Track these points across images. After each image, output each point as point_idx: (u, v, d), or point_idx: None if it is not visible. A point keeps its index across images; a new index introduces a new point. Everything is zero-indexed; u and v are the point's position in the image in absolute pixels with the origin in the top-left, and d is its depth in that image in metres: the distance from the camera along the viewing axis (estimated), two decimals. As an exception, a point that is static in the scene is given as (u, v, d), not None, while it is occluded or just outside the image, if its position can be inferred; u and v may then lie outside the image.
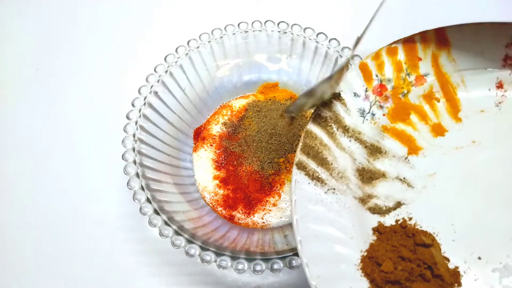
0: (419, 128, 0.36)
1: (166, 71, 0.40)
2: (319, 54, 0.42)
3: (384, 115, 0.35)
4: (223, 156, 0.42)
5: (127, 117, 0.37)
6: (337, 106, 0.34)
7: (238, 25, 0.43)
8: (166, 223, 0.33)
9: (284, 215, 0.39)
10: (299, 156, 0.31)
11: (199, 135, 0.44)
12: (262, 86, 0.46)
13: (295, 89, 0.46)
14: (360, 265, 0.29)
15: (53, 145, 0.48)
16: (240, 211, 0.39)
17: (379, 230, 0.31)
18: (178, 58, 0.41)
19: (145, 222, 0.36)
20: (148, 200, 0.34)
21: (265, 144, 0.41)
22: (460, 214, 0.32)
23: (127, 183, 0.34)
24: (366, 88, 0.35)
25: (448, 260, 0.30)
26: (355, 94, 0.34)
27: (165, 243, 0.39)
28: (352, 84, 0.34)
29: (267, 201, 0.39)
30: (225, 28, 0.43)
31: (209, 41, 0.43)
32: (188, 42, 0.42)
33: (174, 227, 0.33)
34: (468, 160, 0.34)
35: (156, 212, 0.33)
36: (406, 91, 0.36)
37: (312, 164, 0.31)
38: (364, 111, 0.35)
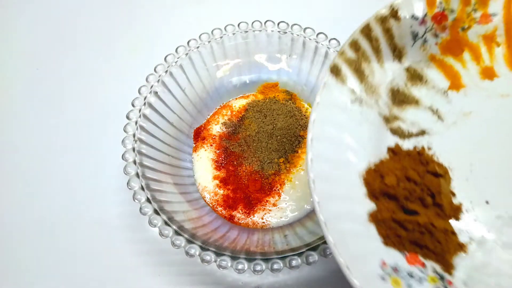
0: (469, 67, 0.33)
1: (166, 71, 0.40)
2: (319, 54, 0.42)
3: (436, 44, 0.33)
4: (223, 156, 0.42)
5: (127, 117, 0.37)
6: (391, 23, 0.31)
7: (238, 25, 0.43)
8: (166, 223, 0.33)
9: (284, 215, 0.39)
10: (336, 60, 0.30)
11: (199, 135, 0.44)
12: (262, 86, 0.46)
13: (295, 89, 0.46)
14: (364, 175, 0.28)
15: (53, 145, 0.48)
16: (240, 211, 0.39)
17: (394, 150, 0.30)
18: (178, 58, 0.41)
19: (145, 222, 0.36)
20: (148, 200, 0.34)
21: (265, 144, 0.41)
22: (482, 158, 0.30)
23: (127, 183, 0.34)
24: (426, 13, 0.32)
25: (454, 195, 0.29)
26: (413, 16, 0.32)
27: (165, 243, 0.39)
28: (413, 6, 0.32)
29: (267, 201, 0.39)
30: (225, 28, 0.43)
31: (209, 41, 0.43)
32: (188, 42, 0.42)
33: (174, 227, 0.33)
34: (509, 109, 0.32)
35: (156, 212, 0.33)
36: (466, 26, 0.33)
37: (347, 71, 0.30)
38: (417, 35, 0.33)
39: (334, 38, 0.42)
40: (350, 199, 0.27)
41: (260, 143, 0.41)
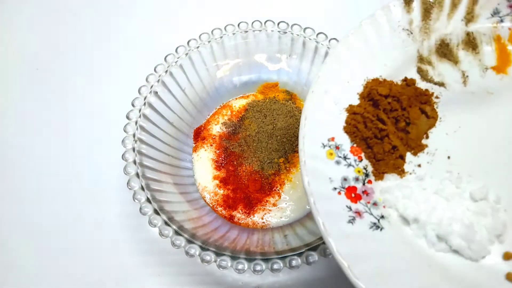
0: None
1: (166, 71, 0.40)
2: (319, 54, 0.42)
3: (509, 29, 0.35)
4: (223, 156, 0.42)
5: (127, 117, 0.37)
6: None
7: (238, 25, 0.43)
8: (166, 223, 0.33)
9: (284, 215, 0.39)
10: None
11: (199, 135, 0.44)
12: (262, 86, 0.46)
13: (295, 89, 0.46)
14: (369, 80, 0.32)
15: (53, 145, 0.48)
16: (240, 211, 0.39)
17: (407, 81, 0.33)
18: (178, 58, 0.41)
19: (145, 222, 0.36)
20: (148, 200, 0.34)
21: (265, 144, 0.41)
22: (473, 128, 0.33)
23: (127, 183, 0.34)
24: None
25: (427, 137, 0.32)
26: None
27: (165, 243, 0.39)
28: None
29: (267, 201, 0.39)
30: (225, 28, 0.43)
31: (209, 41, 0.43)
32: (188, 42, 0.42)
33: (174, 227, 0.33)
34: None
35: (156, 212, 0.33)
36: None
37: (417, 5, 0.34)
38: (498, 13, 0.35)
39: (334, 38, 0.42)
40: (349, 90, 0.32)
41: (260, 143, 0.41)
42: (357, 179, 0.30)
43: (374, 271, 0.25)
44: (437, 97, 0.34)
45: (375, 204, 0.30)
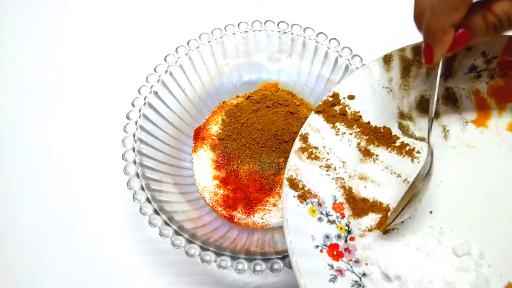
0: (504, 116, 0.35)
1: (166, 71, 0.40)
2: (319, 54, 0.42)
3: (487, 83, 0.35)
4: (222, 156, 0.42)
5: (127, 117, 0.37)
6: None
7: (238, 25, 0.43)
8: (166, 223, 0.33)
9: (284, 215, 0.39)
10: (394, 52, 0.34)
11: (199, 135, 0.44)
12: (262, 86, 0.46)
13: (295, 89, 0.46)
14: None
15: (53, 145, 0.48)
16: (240, 211, 0.39)
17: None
18: (178, 58, 0.41)
19: (145, 222, 0.36)
20: (148, 200, 0.34)
21: (265, 144, 0.41)
22: (453, 182, 0.33)
23: (127, 183, 0.34)
24: (497, 56, 0.34)
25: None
26: (483, 53, 0.34)
27: (165, 243, 0.39)
28: (490, 46, 0.34)
29: (267, 201, 0.39)
30: (225, 28, 0.43)
31: (209, 41, 0.43)
32: (188, 42, 0.42)
33: (174, 227, 0.33)
34: (508, 165, 0.33)
35: (156, 212, 0.33)
36: None
37: (396, 64, 0.35)
38: (475, 69, 0.35)
39: (334, 38, 0.42)
40: None
41: (260, 143, 0.41)
42: (339, 237, 0.30)
43: None
44: (418, 152, 0.34)
45: (357, 261, 0.30)
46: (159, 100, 0.40)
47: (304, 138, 0.33)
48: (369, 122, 0.35)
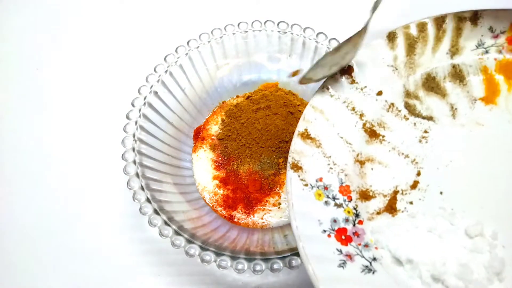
0: None
1: (166, 71, 0.40)
2: (319, 54, 0.42)
3: (495, 59, 0.35)
4: (222, 156, 0.42)
5: (127, 117, 0.37)
6: (466, 24, 0.34)
7: (238, 25, 0.43)
8: (166, 223, 0.33)
9: (284, 215, 0.39)
10: (398, 29, 0.34)
11: (198, 135, 0.44)
12: (262, 86, 0.46)
13: (295, 89, 0.46)
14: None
15: (52, 145, 0.48)
16: (240, 211, 0.39)
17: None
18: (178, 58, 0.41)
19: (145, 222, 0.36)
20: (148, 200, 0.34)
21: (264, 144, 0.41)
22: (461, 161, 0.32)
23: (127, 183, 0.34)
24: (506, 31, 0.34)
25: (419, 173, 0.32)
26: (490, 28, 0.34)
27: (165, 243, 0.39)
28: (497, 20, 0.34)
29: (267, 201, 0.39)
30: (225, 28, 0.43)
31: (209, 41, 0.43)
32: (188, 42, 0.42)
33: (174, 227, 0.33)
34: None
35: (156, 212, 0.33)
36: None
37: (401, 42, 0.34)
38: (483, 45, 0.35)
39: (334, 38, 0.42)
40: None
41: (260, 143, 0.41)
42: (347, 220, 0.29)
43: None
44: (425, 131, 0.34)
45: (366, 245, 0.29)
46: (159, 100, 0.40)
47: (307, 121, 0.32)
48: None
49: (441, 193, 0.31)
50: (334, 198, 0.30)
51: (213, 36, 0.43)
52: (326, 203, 0.30)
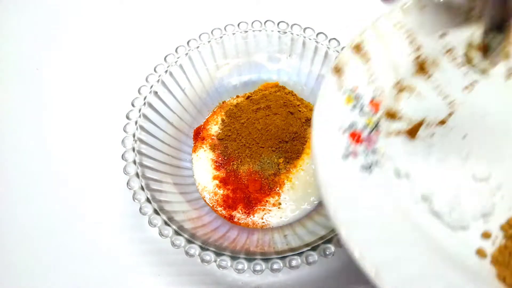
0: None
1: (166, 71, 0.40)
2: (319, 54, 0.42)
3: None
4: (222, 156, 0.42)
5: (127, 117, 0.37)
6: None
7: (238, 25, 0.43)
8: (166, 223, 0.33)
9: (284, 215, 0.39)
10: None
11: (198, 135, 0.44)
12: (262, 86, 0.46)
13: (295, 89, 0.46)
14: None
15: (52, 145, 0.48)
16: (240, 211, 0.39)
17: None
18: (178, 58, 0.41)
19: (145, 222, 0.36)
20: (148, 200, 0.34)
21: (265, 144, 0.41)
22: (503, 127, 0.32)
23: (127, 183, 0.34)
24: None
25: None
26: None
27: (165, 243, 0.39)
28: None
29: (267, 201, 0.39)
30: (225, 28, 0.43)
31: (209, 41, 0.43)
32: (188, 42, 0.42)
33: (174, 227, 0.33)
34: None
35: (156, 212, 0.33)
36: None
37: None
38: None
39: (334, 38, 0.42)
40: None
41: (260, 143, 0.41)
42: (365, 127, 0.30)
43: (352, 216, 0.25)
44: (474, 82, 0.33)
45: (374, 151, 0.30)
46: (159, 100, 0.40)
47: (365, 38, 0.32)
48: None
49: (464, 137, 0.31)
50: (362, 106, 0.31)
51: (213, 36, 0.43)
52: (353, 107, 0.30)
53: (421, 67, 0.34)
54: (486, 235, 0.28)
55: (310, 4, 0.57)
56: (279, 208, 0.39)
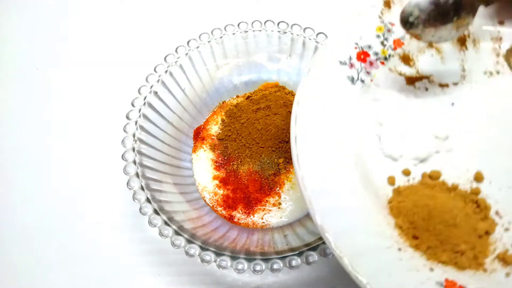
0: None
1: (166, 71, 0.40)
2: (319, 54, 0.42)
3: None
4: (222, 156, 0.42)
5: (127, 117, 0.37)
6: None
7: (238, 25, 0.43)
8: (166, 223, 0.33)
9: (284, 215, 0.39)
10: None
11: (198, 135, 0.44)
12: (262, 86, 0.46)
13: (295, 89, 0.46)
14: None
15: (52, 145, 0.48)
16: (240, 211, 0.39)
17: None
18: (178, 58, 0.41)
19: (145, 222, 0.36)
20: (148, 200, 0.34)
21: (264, 144, 0.41)
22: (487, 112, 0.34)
23: (127, 183, 0.34)
24: None
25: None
26: None
27: (165, 243, 0.39)
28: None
29: (267, 201, 0.39)
30: (225, 28, 0.43)
31: (209, 41, 0.43)
32: (188, 42, 0.42)
33: (174, 227, 0.33)
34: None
35: (156, 212, 0.33)
36: None
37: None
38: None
39: (334, 38, 0.41)
40: None
41: (260, 143, 0.41)
42: (376, 54, 0.34)
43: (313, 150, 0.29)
44: (497, 72, 0.34)
45: (368, 73, 0.34)
46: (159, 100, 0.40)
47: None
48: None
49: (452, 104, 0.34)
50: (385, 39, 0.34)
51: (213, 36, 0.43)
52: (378, 37, 0.34)
53: (462, 40, 0.35)
54: (406, 172, 0.31)
55: (310, 4, 0.57)
56: (279, 208, 0.39)
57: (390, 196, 0.30)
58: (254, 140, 0.41)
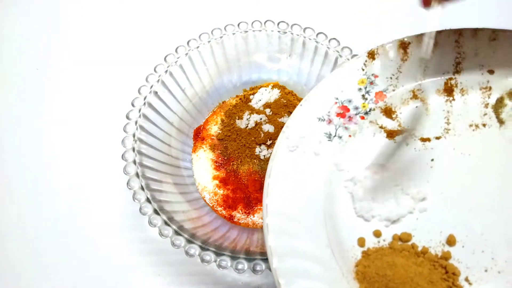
0: None
1: (166, 71, 0.40)
2: (319, 54, 0.42)
3: None
4: (222, 156, 0.42)
5: (127, 117, 0.37)
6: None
7: (238, 25, 0.43)
8: (166, 223, 0.33)
9: (284, 215, 0.39)
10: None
11: (198, 135, 0.44)
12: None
13: (295, 89, 0.46)
14: None
15: (52, 145, 0.48)
16: (240, 211, 0.39)
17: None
18: (178, 58, 0.41)
19: (145, 222, 0.36)
20: (148, 200, 0.34)
21: (264, 144, 0.41)
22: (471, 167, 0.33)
23: (127, 183, 0.34)
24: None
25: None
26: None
27: (165, 243, 0.39)
28: None
29: (267, 201, 0.39)
30: (225, 28, 0.43)
31: (209, 41, 0.43)
32: (188, 42, 0.42)
33: (174, 227, 0.33)
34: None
35: (156, 212, 0.33)
36: None
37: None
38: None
39: (334, 38, 0.42)
40: None
41: (259, 143, 0.41)
42: (356, 108, 0.34)
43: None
44: (484, 125, 0.33)
45: (346, 128, 0.34)
46: (159, 100, 0.40)
47: (412, 41, 0.34)
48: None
49: (432, 159, 0.33)
50: (367, 93, 0.34)
51: (213, 36, 0.43)
52: (360, 90, 0.34)
53: (449, 89, 0.34)
54: (376, 233, 0.30)
55: (310, 4, 0.57)
56: (279, 208, 0.39)
57: (358, 259, 0.29)
58: (254, 140, 0.41)
